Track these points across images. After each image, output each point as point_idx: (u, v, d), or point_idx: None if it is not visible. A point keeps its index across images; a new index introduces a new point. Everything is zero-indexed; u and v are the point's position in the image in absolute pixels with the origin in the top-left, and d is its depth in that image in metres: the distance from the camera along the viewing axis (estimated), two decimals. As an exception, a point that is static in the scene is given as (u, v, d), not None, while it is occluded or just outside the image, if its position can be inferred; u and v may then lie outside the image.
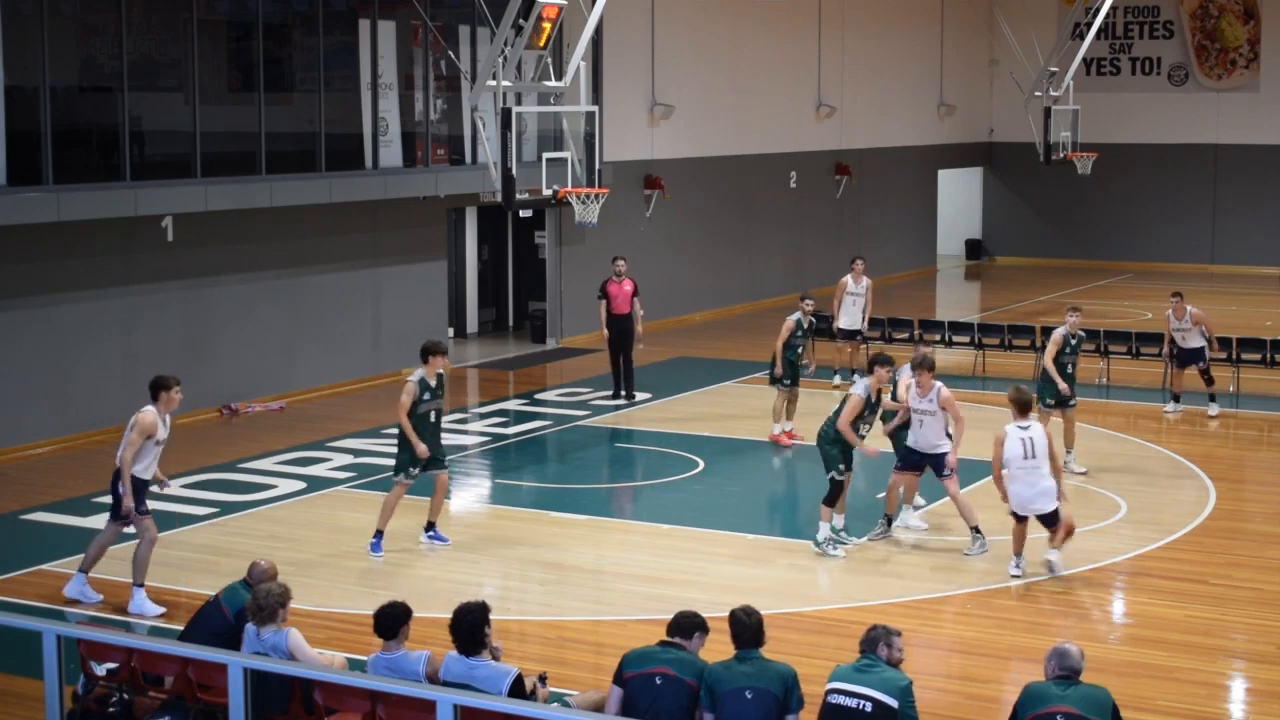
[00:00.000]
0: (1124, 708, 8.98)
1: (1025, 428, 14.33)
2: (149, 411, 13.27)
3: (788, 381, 19.55)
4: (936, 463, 15.10)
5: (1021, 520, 14.25)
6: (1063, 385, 18.08)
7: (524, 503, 17.15)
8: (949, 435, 15.19)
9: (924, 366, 15.15)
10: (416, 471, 14.93)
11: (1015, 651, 12.26)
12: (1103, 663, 11.48)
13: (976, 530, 14.85)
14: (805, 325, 19.73)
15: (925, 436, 15.12)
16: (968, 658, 12.28)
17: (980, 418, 21.54)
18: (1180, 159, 39.97)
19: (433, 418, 15.00)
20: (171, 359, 21.02)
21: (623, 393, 22.29)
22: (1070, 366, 18.48)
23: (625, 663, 9.27)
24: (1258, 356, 23.19)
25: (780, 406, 19.67)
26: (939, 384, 15.15)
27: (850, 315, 23.22)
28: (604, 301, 22.33)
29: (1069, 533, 14.30)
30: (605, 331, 22.41)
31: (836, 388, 22.12)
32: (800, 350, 19.62)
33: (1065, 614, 13.50)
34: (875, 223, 37.22)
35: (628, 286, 22.37)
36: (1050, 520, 14.19)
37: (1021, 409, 14.50)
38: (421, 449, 14.73)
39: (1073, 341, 18.62)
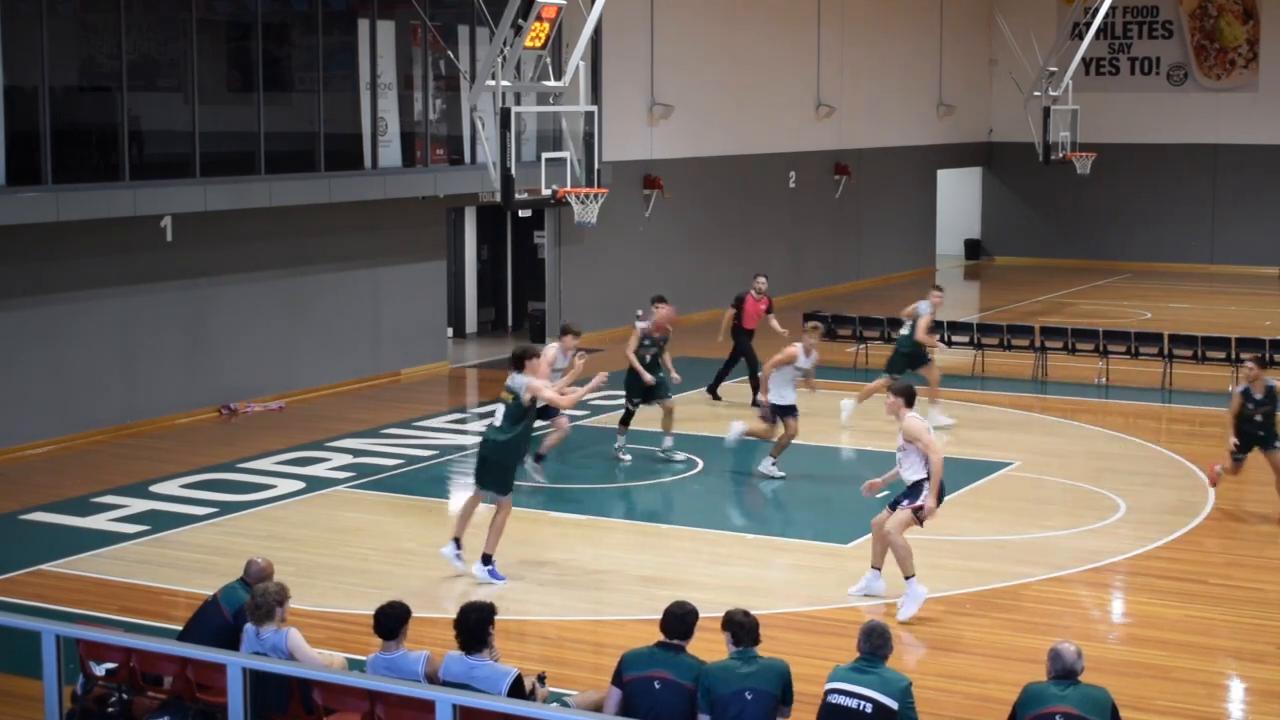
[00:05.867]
0: (1123, 708, 8.98)
1: None
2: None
3: (637, 400, 18.96)
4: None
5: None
6: None
7: (523, 503, 17.12)
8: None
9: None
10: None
11: (1015, 651, 12.25)
12: (1102, 662, 11.48)
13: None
14: (655, 336, 19.18)
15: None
16: (967, 657, 12.28)
17: (978, 418, 21.56)
18: (1179, 159, 39.98)
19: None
20: (170, 359, 21.06)
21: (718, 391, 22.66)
22: None
23: (624, 664, 9.26)
24: (1256, 355, 23.13)
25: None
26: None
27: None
28: (734, 311, 22.32)
29: None
30: (721, 337, 22.65)
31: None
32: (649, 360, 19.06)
33: (1064, 614, 13.50)
34: (874, 222, 37.23)
35: (763, 305, 22.49)
36: None
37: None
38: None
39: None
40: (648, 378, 18.72)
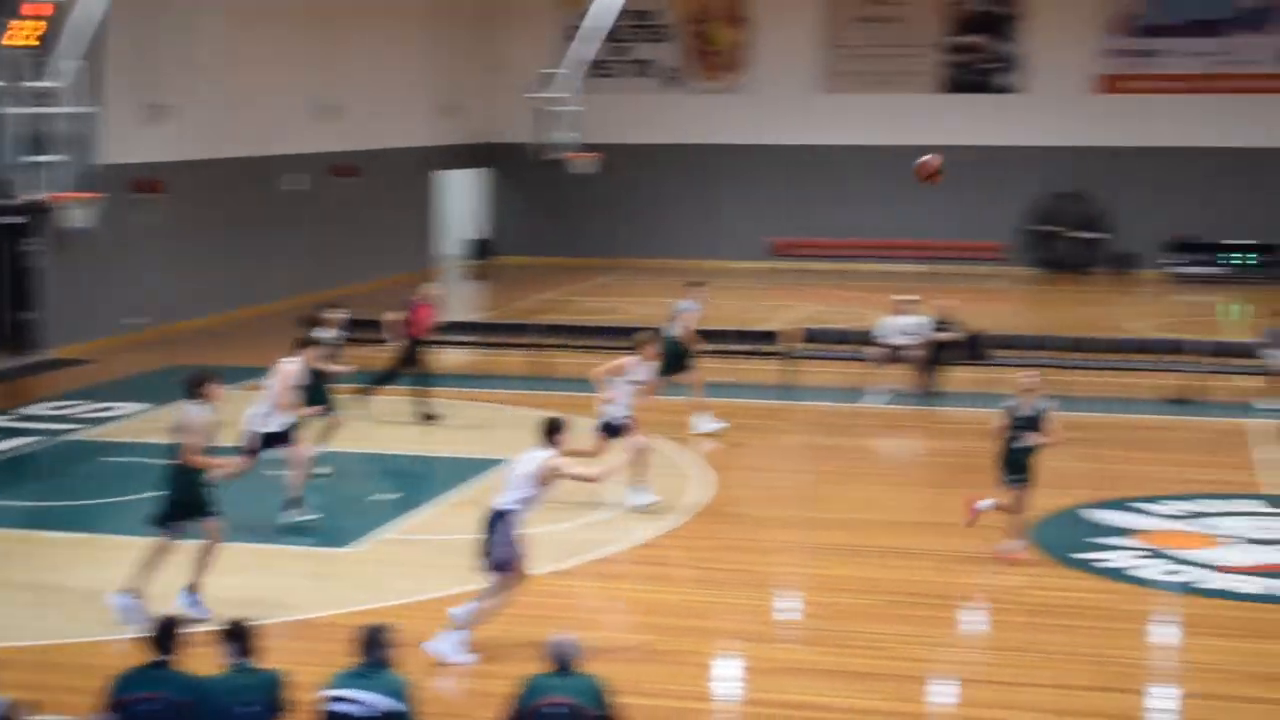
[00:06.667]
0: (621, 692, 9.25)
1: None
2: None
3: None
4: None
5: None
6: None
7: (12, 523, 16.32)
8: None
9: None
10: None
11: (518, 644, 12.37)
12: (604, 651, 11.74)
13: None
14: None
15: None
16: (472, 652, 12.37)
17: (475, 417, 21.74)
18: (679, 158, 41.49)
19: None
20: None
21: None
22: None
23: (116, 686, 8.98)
24: (750, 348, 24.28)
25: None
26: None
27: None
28: (407, 318, 21.15)
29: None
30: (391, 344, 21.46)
31: None
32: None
33: (567, 605, 13.76)
34: (380, 224, 37.12)
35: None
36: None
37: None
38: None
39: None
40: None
